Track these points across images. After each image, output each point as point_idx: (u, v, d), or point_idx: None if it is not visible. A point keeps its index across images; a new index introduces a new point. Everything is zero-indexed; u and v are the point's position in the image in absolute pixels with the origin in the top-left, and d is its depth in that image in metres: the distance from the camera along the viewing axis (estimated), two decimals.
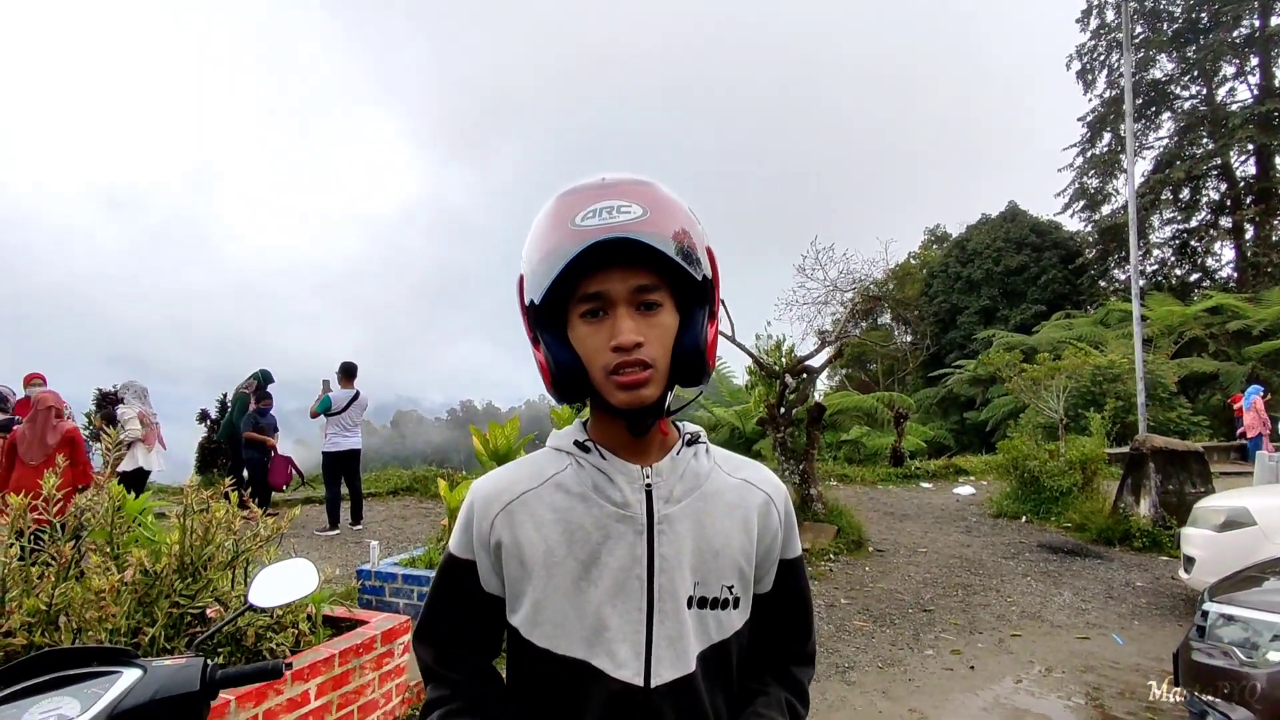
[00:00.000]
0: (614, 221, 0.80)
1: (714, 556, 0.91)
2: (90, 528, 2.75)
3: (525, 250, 0.88)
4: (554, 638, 0.88)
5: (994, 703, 3.83)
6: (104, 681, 1.15)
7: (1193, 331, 21.34)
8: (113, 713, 1.09)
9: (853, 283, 8.66)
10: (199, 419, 12.18)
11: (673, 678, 0.86)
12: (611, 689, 0.85)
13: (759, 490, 0.98)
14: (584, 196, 0.83)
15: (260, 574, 1.43)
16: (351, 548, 7.41)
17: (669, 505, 0.90)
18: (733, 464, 1.01)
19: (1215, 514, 5.13)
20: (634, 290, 0.83)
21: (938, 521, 8.84)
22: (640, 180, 0.86)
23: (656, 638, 0.86)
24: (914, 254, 38.43)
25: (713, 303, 0.90)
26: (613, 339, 0.82)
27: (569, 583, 0.88)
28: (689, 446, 0.96)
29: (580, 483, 0.92)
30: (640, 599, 0.87)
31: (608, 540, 0.88)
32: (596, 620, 0.86)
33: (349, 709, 3.16)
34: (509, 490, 0.94)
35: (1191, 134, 26.79)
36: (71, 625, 2.47)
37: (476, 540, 0.93)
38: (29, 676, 1.12)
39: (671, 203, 0.86)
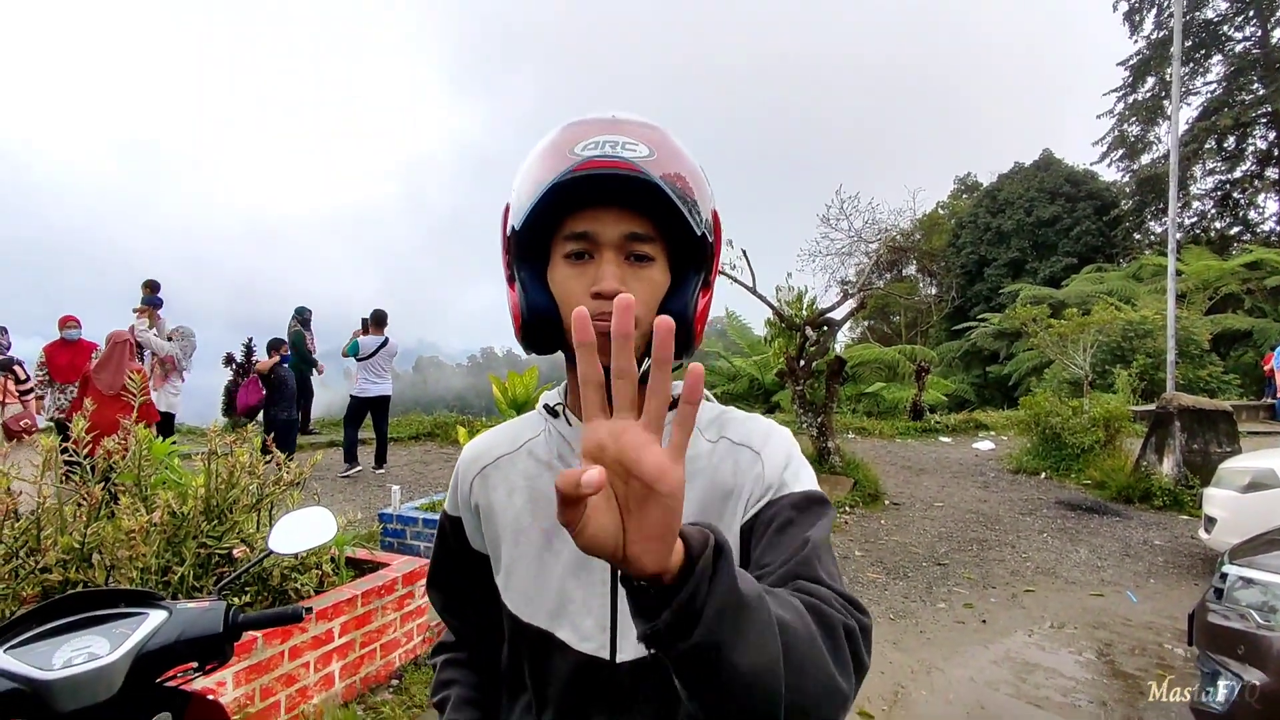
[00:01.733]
0: (616, 155, 0.73)
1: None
2: (119, 469, 2.82)
3: (516, 178, 0.81)
4: (521, 605, 0.86)
5: (1004, 656, 3.88)
6: (131, 622, 1.18)
7: (1229, 287, 20.75)
8: (140, 652, 1.12)
9: (878, 233, 8.46)
10: (224, 362, 12.39)
11: (639, 655, 0.80)
12: (576, 661, 0.82)
13: (741, 446, 0.86)
14: (589, 128, 0.77)
15: (279, 521, 1.45)
16: (374, 491, 7.59)
17: None
18: (714, 426, 0.89)
19: (1240, 474, 5.05)
20: (626, 236, 0.76)
21: (955, 476, 8.83)
22: (652, 124, 0.80)
23: (622, 612, 0.81)
24: (942, 204, 37.49)
25: (709, 270, 0.83)
26: (594, 284, 0.75)
27: (534, 552, 0.85)
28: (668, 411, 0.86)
29: (548, 450, 0.88)
30: (604, 572, 0.82)
31: None
32: (560, 592, 0.83)
33: (372, 647, 3.27)
34: (487, 454, 0.93)
35: (1242, 78, 25.53)
36: (104, 563, 2.55)
37: (460, 500, 0.93)
38: (59, 616, 1.16)
39: (681, 152, 0.80)
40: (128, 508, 2.66)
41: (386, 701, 3.17)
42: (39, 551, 2.49)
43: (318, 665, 2.98)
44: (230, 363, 12.30)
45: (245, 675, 2.64)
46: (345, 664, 3.12)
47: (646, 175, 0.72)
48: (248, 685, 2.65)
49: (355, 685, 3.18)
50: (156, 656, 1.15)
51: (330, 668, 3.04)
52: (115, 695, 1.07)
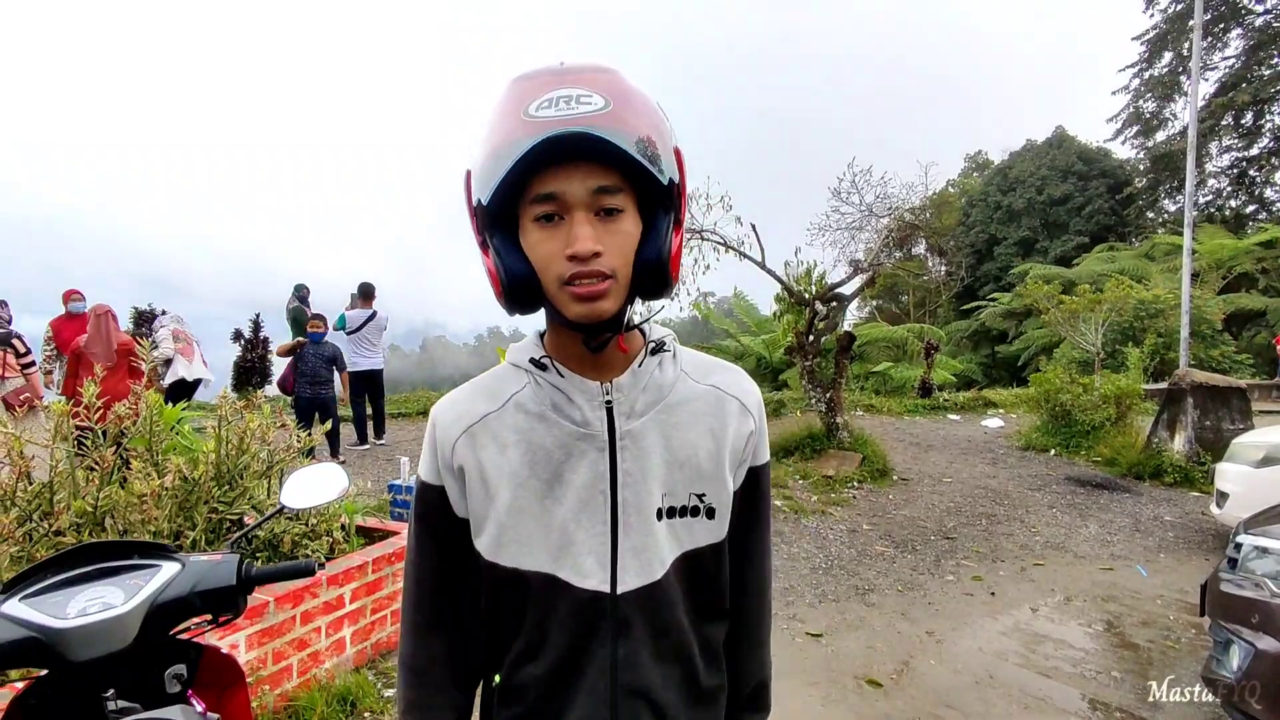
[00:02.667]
0: (572, 113, 0.72)
1: (680, 467, 0.88)
2: (130, 435, 2.83)
3: (473, 142, 0.81)
4: (518, 556, 0.86)
5: (1013, 627, 3.88)
6: (145, 574, 1.17)
7: (1243, 266, 20.51)
8: (153, 603, 1.12)
9: (889, 209, 8.36)
10: (234, 338, 12.44)
11: (638, 585, 0.86)
12: (579, 598, 0.85)
13: (729, 396, 0.93)
14: (540, 83, 0.75)
15: (292, 476, 1.45)
16: (383, 464, 7.62)
17: (631, 421, 0.87)
18: (702, 369, 0.95)
19: (1254, 449, 5.01)
20: (593, 192, 0.76)
21: (964, 453, 8.81)
22: (603, 68, 0.78)
23: (622, 549, 0.86)
24: (953, 181, 37.08)
25: (678, 209, 0.83)
26: (569, 247, 0.75)
27: (534, 501, 0.86)
28: (653, 355, 0.90)
29: (539, 402, 0.89)
30: (605, 513, 0.86)
31: (570, 458, 0.86)
32: (562, 536, 0.86)
33: (382, 613, 3.30)
34: (469, 413, 0.91)
35: (1262, 52, 25.01)
36: (117, 527, 2.57)
37: (442, 465, 0.91)
38: (73, 566, 1.16)
39: (636, 95, 0.78)
40: (140, 472, 2.67)
41: (396, 667, 3.20)
42: (52, 515, 2.51)
43: (329, 630, 3.00)
44: (239, 338, 12.35)
45: (258, 639, 2.66)
46: (356, 629, 3.14)
47: (605, 136, 0.72)
48: (260, 649, 2.67)
49: (366, 650, 3.21)
50: (170, 608, 1.14)
51: (341, 633, 3.07)
52: (129, 646, 1.07)
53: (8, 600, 1.08)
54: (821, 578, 4.60)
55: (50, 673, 1.09)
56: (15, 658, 1.02)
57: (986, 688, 3.22)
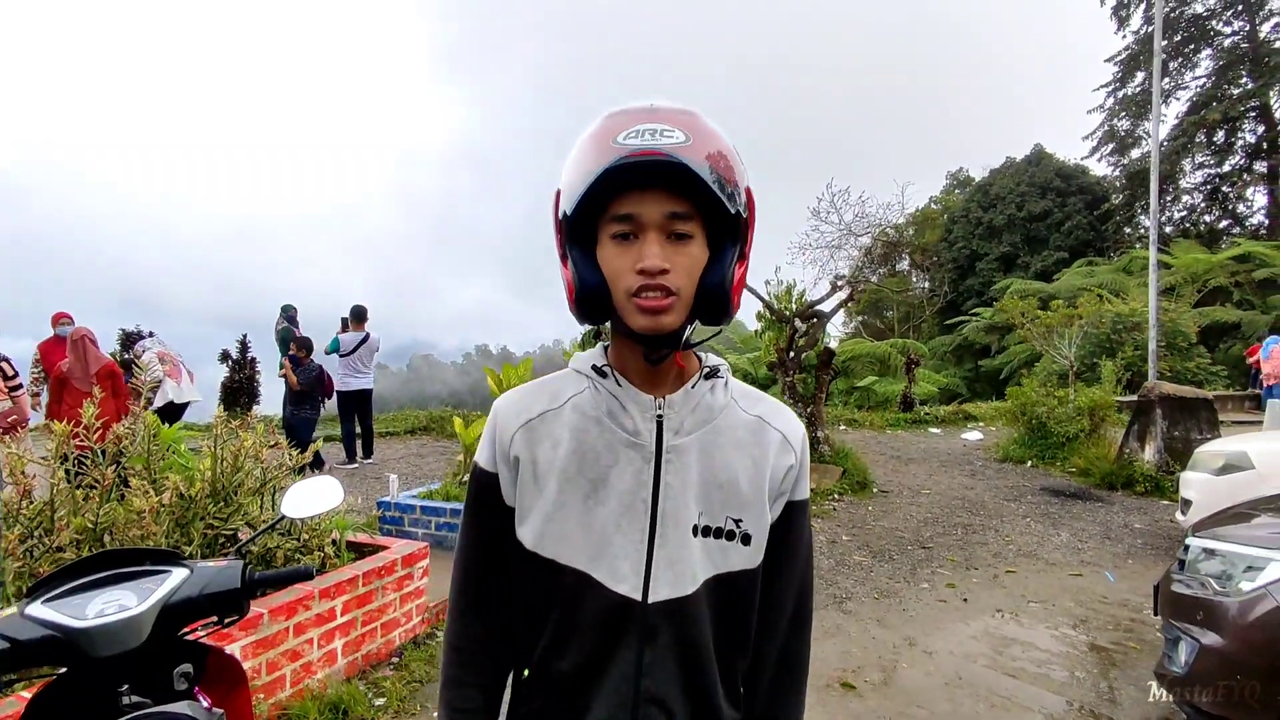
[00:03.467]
0: (655, 144, 0.80)
1: (719, 489, 0.92)
2: (129, 454, 2.94)
3: (565, 166, 0.88)
4: (558, 548, 0.91)
5: (983, 632, 4.02)
6: (156, 579, 1.28)
7: (1217, 280, 20.93)
8: (165, 605, 1.23)
9: (866, 227, 8.59)
10: (220, 359, 12.47)
11: (669, 596, 0.89)
12: (610, 600, 0.89)
13: (773, 428, 0.98)
14: (630, 118, 0.83)
15: (292, 489, 1.56)
16: (371, 482, 7.69)
17: (678, 437, 0.92)
18: (750, 400, 1.01)
19: (1215, 458, 5.20)
20: (667, 216, 0.83)
21: (943, 465, 8.98)
22: (688, 110, 0.86)
23: (656, 559, 0.90)
24: (935, 198, 37.65)
25: (745, 242, 0.90)
26: (639, 262, 0.82)
27: (578, 499, 0.91)
28: (706, 380, 0.96)
29: (595, 406, 0.94)
30: (644, 521, 0.90)
31: (617, 464, 0.91)
32: (601, 537, 0.90)
33: (373, 625, 3.40)
34: (528, 409, 0.97)
35: (1231, 72, 25.71)
36: (115, 543, 2.67)
37: (499, 454, 0.97)
38: (90, 572, 1.27)
39: (715, 135, 0.86)
40: (138, 490, 2.77)
41: (387, 678, 3.29)
42: (53, 531, 2.61)
43: (321, 642, 3.10)
44: (226, 359, 12.38)
45: (252, 649, 2.76)
46: (348, 641, 3.24)
47: (684, 161, 0.79)
48: (255, 659, 2.77)
49: (357, 662, 3.30)
50: (180, 609, 1.25)
51: (333, 644, 3.16)
52: (143, 644, 1.17)
53: (32, 603, 1.18)
54: None
55: (69, 670, 1.20)
56: (39, 655, 1.12)
57: (955, 689, 3.35)
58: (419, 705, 3.09)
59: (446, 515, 4.95)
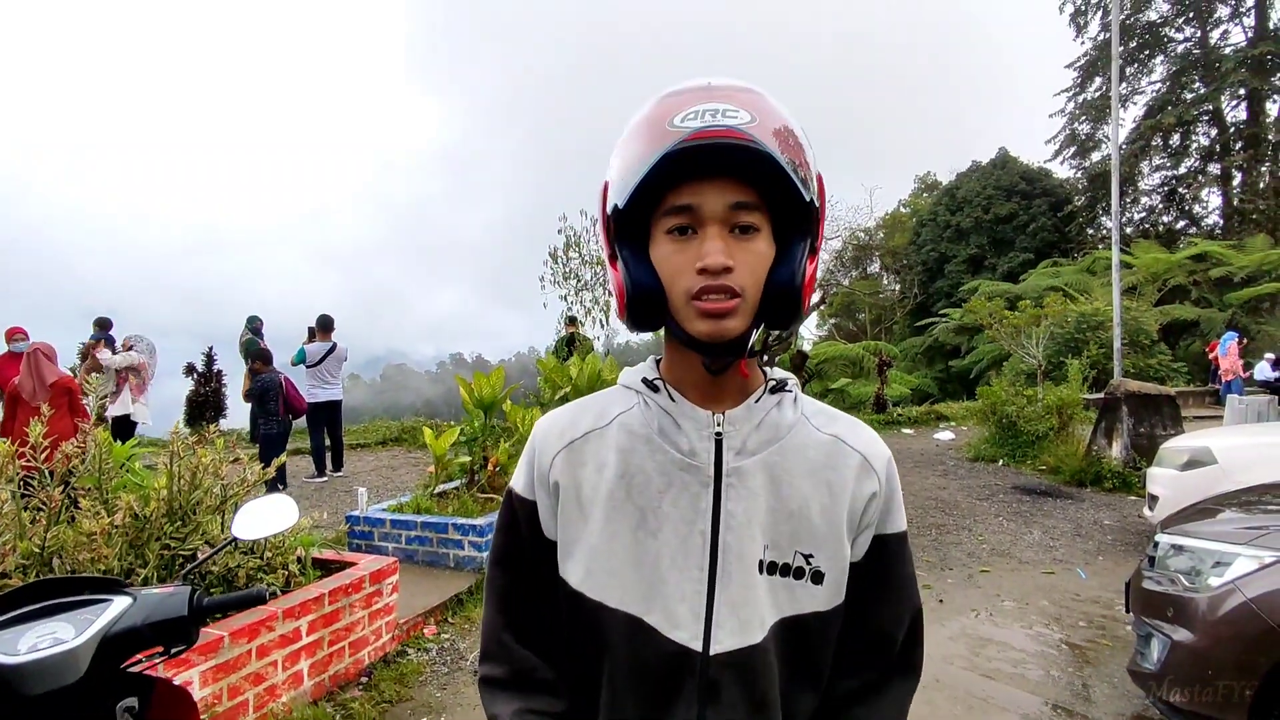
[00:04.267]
0: (718, 125, 0.69)
1: (788, 518, 0.80)
2: (78, 473, 2.82)
3: (613, 155, 0.78)
4: (606, 589, 0.80)
5: (960, 632, 4.03)
6: (96, 608, 1.21)
7: (1176, 279, 21.51)
8: (105, 636, 1.15)
9: (837, 231, 8.65)
10: (185, 372, 12.17)
11: (735, 646, 0.77)
12: (665, 650, 0.77)
13: (853, 450, 0.84)
14: (686, 98, 0.73)
15: (242, 508, 1.49)
16: (341, 495, 7.54)
17: (740, 458, 0.80)
18: (824, 418, 0.87)
19: (1179, 454, 5.30)
20: (730, 207, 0.73)
21: (916, 466, 9.06)
22: (749, 88, 0.75)
23: (718, 601, 0.77)
24: (904, 202, 38.22)
25: (816, 235, 0.79)
26: (700, 260, 0.72)
27: (627, 530, 0.80)
28: (773, 394, 0.84)
29: (646, 424, 0.83)
30: (702, 557, 0.78)
31: (670, 489, 0.80)
32: (654, 574, 0.79)
33: (340, 645, 3.30)
34: (572, 428, 0.87)
35: (1184, 78, 26.53)
36: (65, 567, 2.55)
37: (537, 479, 0.86)
38: (23, 604, 1.19)
39: (782, 114, 0.75)
40: (89, 511, 2.66)
41: (356, 699, 3.20)
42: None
43: (285, 664, 3.00)
44: (191, 372, 12.10)
45: (212, 675, 2.65)
46: (314, 662, 3.14)
47: (756, 143, 0.69)
48: (215, 685, 2.66)
49: (324, 683, 3.20)
50: (122, 641, 1.17)
51: (298, 666, 3.06)
52: (81, 679, 1.10)
53: None
54: None
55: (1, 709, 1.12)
56: None
57: (932, 691, 3.35)
58: None
59: (417, 529, 4.85)
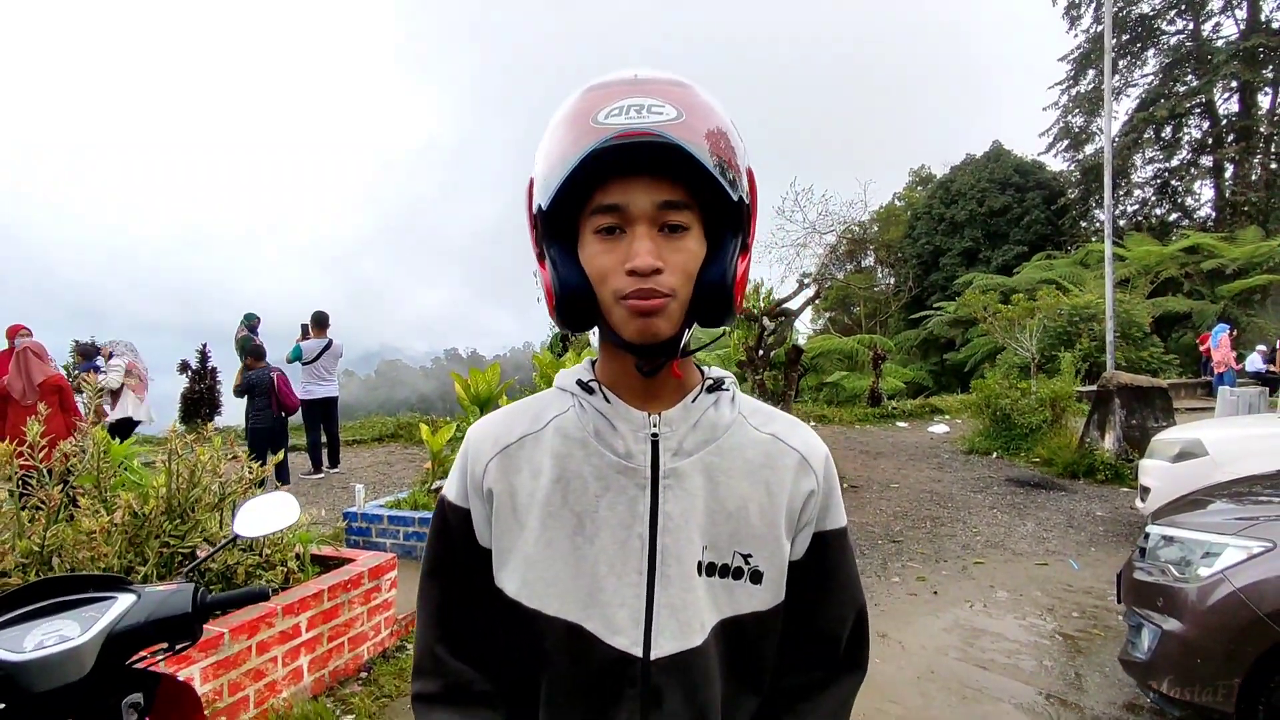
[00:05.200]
0: (643, 121, 0.68)
1: (727, 519, 0.80)
2: (77, 472, 2.82)
3: (538, 150, 0.77)
4: (544, 597, 0.79)
5: (953, 624, 4.07)
6: (101, 606, 1.22)
7: (1169, 271, 21.61)
8: (110, 633, 1.17)
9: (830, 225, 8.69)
10: (180, 369, 12.14)
11: (675, 650, 0.76)
12: (605, 657, 0.76)
13: (791, 449, 0.84)
14: (612, 92, 0.71)
15: (244, 506, 1.50)
16: (338, 492, 7.55)
17: (678, 459, 0.80)
18: (762, 417, 0.87)
19: (1170, 445, 5.35)
20: (658, 206, 0.72)
21: (911, 459, 9.11)
22: (678, 80, 0.74)
23: (658, 604, 0.77)
24: (899, 195, 38.25)
25: (747, 232, 0.78)
26: (628, 260, 0.71)
27: (563, 537, 0.79)
28: (709, 393, 0.83)
29: (581, 427, 0.82)
30: (640, 560, 0.78)
31: (607, 493, 0.79)
32: (592, 581, 0.78)
33: (339, 640, 3.31)
34: (506, 434, 0.85)
35: (1177, 70, 26.59)
36: (65, 565, 2.56)
37: (471, 486, 0.84)
38: (28, 602, 1.20)
39: (712, 110, 0.74)
40: (88, 509, 2.66)
41: (356, 693, 3.22)
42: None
43: (286, 659, 3.01)
44: (186, 370, 12.07)
45: (213, 671, 2.67)
46: (314, 658, 3.16)
47: (680, 143, 0.68)
48: (215, 680, 2.68)
49: (324, 678, 3.22)
50: (126, 638, 1.19)
51: (298, 661, 3.08)
52: (87, 676, 1.12)
53: None
54: None
55: (7, 707, 1.14)
56: None
57: (927, 682, 3.39)
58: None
59: (415, 525, 4.87)
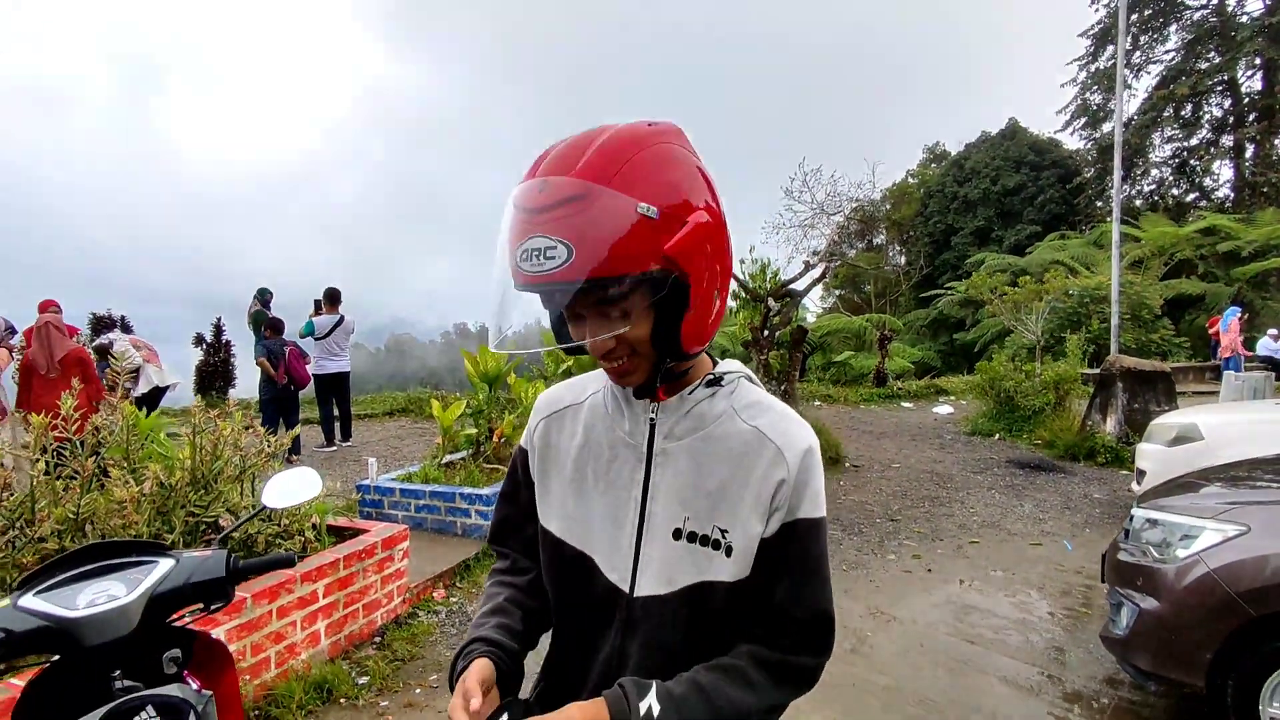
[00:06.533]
0: (542, 270, 0.77)
1: (706, 496, 0.94)
2: (108, 444, 2.97)
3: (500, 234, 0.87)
4: (564, 529, 1.02)
5: (945, 600, 4.20)
6: (144, 569, 1.35)
7: (1183, 253, 21.40)
8: (153, 594, 1.30)
9: (839, 206, 8.69)
10: (195, 342, 12.36)
11: (651, 593, 0.95)
12: (603, 584, 0.98)
13: (770, 441, 0.95)
14: (521, 220, 0.79)
15: (271, 480, 1.62)
16: (350, 465, 7.74)
17: (668, 441, 0.98)
18: (754, 410, 0.99)
19: (1167, 430, 5.42)
20: (596, 303, 0.84)
21: (914, 439, 9.21)
22: (574, 196, 0.77)
23: (643, 555, 0.96)
24: (912, 173, 37.87)
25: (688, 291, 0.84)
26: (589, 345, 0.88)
27: (585, 485, 1.02)
28: (707, 387, 0.99)
29: (605, 406, 1.05)
30: (633, 516, 0.97)
31: (616, 460, 1.01)
32: (600, 525, 0.99)
33: (354, 607, 3.48)
34: (557, 403, 1.12)
35: (1199, 46, 26.07)
36: (97, 532, 2.72)
37: (526, 436, 1.13)
38: (79, 564, 1.33)
39: (607, 209, 0.77)
40: (118, 480, 2.81)
41: (370, 657, 3.39)
42: (34, 523, 2.65)
43: (304, 624, 3.18)
44: (200, 343, 12.28)
45: (237, 633, 2.83)
46: (330, 623, 3.33)
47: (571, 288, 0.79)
48: (239, 642, 2.84)
49: (340, 642, 3.39)
50: (167, 598, 1.32)
51: (316, 626, 3.25)
52: (132, 632, 1.25)
53: (24, 595, 1.25)
54: None
55: (61, 658, 1.27)
56: (33, 644, 1.18)
57: (918, 655, 3.52)
58: (402, 683, 3.20)
59: (426, 498, 5.02)
